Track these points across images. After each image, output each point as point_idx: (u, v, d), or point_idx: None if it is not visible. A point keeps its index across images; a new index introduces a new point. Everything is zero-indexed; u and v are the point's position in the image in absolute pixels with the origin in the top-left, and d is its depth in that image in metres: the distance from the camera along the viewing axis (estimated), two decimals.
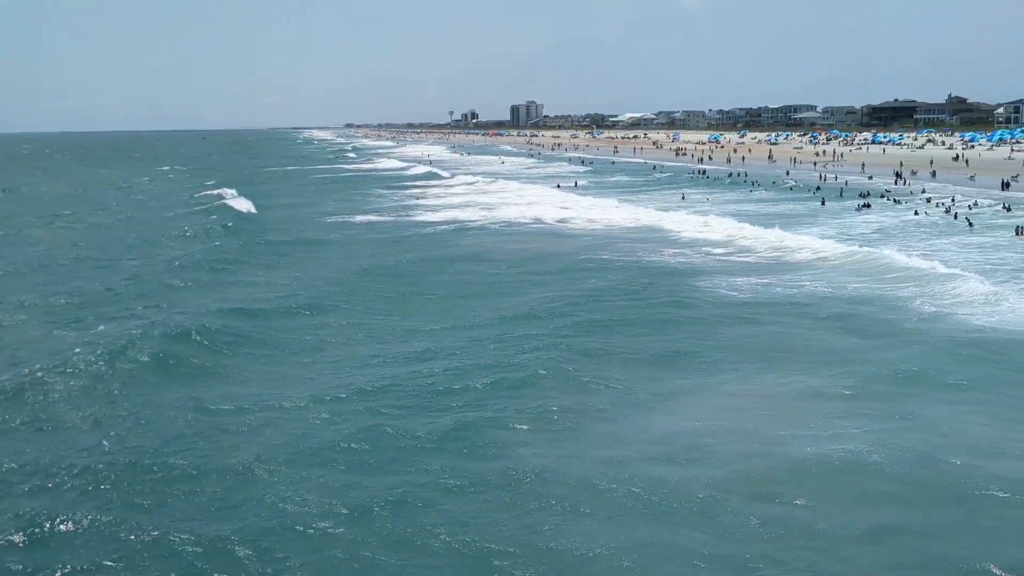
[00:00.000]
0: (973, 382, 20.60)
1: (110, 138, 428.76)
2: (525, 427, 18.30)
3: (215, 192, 78.55)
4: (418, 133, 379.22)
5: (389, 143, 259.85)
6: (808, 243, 42.07)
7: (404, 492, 15.22)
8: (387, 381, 21.19)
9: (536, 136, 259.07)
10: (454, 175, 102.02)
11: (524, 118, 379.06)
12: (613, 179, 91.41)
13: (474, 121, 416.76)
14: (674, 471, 16.06)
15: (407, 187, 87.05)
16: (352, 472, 16.17)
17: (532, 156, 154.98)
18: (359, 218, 59.48)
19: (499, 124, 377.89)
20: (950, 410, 18.82)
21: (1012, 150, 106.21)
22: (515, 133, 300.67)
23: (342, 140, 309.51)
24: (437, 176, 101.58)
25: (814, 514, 14.39)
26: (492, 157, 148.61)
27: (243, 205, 66.21)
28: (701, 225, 50.35)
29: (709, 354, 23.44)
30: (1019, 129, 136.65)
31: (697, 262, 38.51)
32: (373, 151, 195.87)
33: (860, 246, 40.18)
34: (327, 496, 15.11)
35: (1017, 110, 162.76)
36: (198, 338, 24.58)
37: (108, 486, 15.65)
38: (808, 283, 32.71)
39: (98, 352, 22.96)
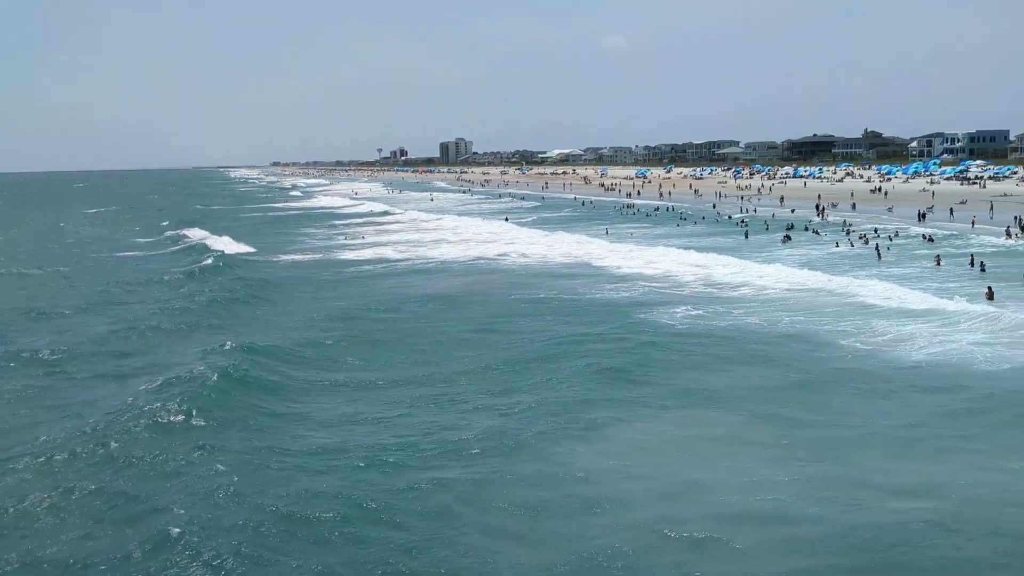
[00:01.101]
0: (908, 422, 20.38)
1: (22, 180, 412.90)
2: (449, 465, 18.02)
3: (182, 232, 76.74)
4: (347, 171, 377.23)
5: (323, 181, 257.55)
6: (741, 276, 42.69)
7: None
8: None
9: (466, 173, 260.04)
10: (404, 211, 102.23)
11: (454, 155, 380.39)
12: (545, 215, 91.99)
13: (403, 158, 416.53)
14: (595, 514, 15.78)
15: (355, 224, 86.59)
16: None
17: (465, 192, 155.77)
18: (335, 255, 59.02)
19: (429, 161, 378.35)
20: (882, 452, 18.52)
21: (932, 182, 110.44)
22: (445, 170, 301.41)
23: (273, 178, 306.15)
24: (386, 212, 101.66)
25: (736, 563, 14.04)
26: (426, 194, 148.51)
27: (224, 244, 64.71)
28: (633, 259, 50.84)
29: (638, 389, 23.34)
30: (932, 162, 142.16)
31: (631, 295, 38.75)
32: (311, 189, 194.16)
33: (788, 279, 41.02)
34: None
35: (929, 144, 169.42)
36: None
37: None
38: (741, 317, 33.04)
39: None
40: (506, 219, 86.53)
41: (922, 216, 69.52)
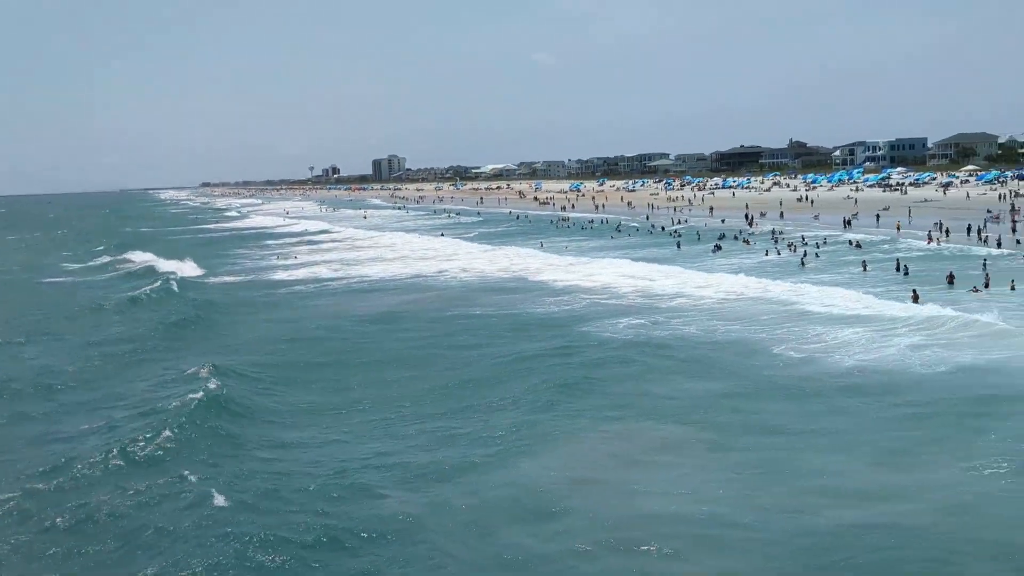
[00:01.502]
0: (843, 428, 20.51)
1: None
2: (389, 480, 17.96)
3: (122, 256, 74.57)
4: (279, 190, 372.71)
5: (255, 201, 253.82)
6: (678, 287, 43.30)
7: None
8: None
9: (400, 189, 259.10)
10: (338, 229, 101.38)
11: (387, 172, 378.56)
12: (481, 230, 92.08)
13: (335, 176, 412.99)
14: (539, 526, 15.82)
15: (290, 243, 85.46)
16: None
17: (400, 209, 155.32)
18: (280, 275, 58.08)
19: (362, 179, 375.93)
20: (816, 459, 18.62)
21: (857, 189, 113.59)
22: (378, 187, 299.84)
23: (205, 199, 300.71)
24: (321, 231, 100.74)
25: (673, 572, 14.15)
26: (360, 211, 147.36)
27: (172, 266, 62.99)
28: (572, 272, 51.20)
29: (581, 402, 23.43)
30: (855, 170, 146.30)
31: (572, 308, 38.92)
32: (244, 209, 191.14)
33: (724, 288, 41.78)
34: None
35: (852, 152, 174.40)
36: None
37: None
38: (680, 327, 33.46)
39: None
40: (442, 234, 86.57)
41: (848, 223, 71.50)
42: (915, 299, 35.56)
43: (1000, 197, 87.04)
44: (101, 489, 18.22)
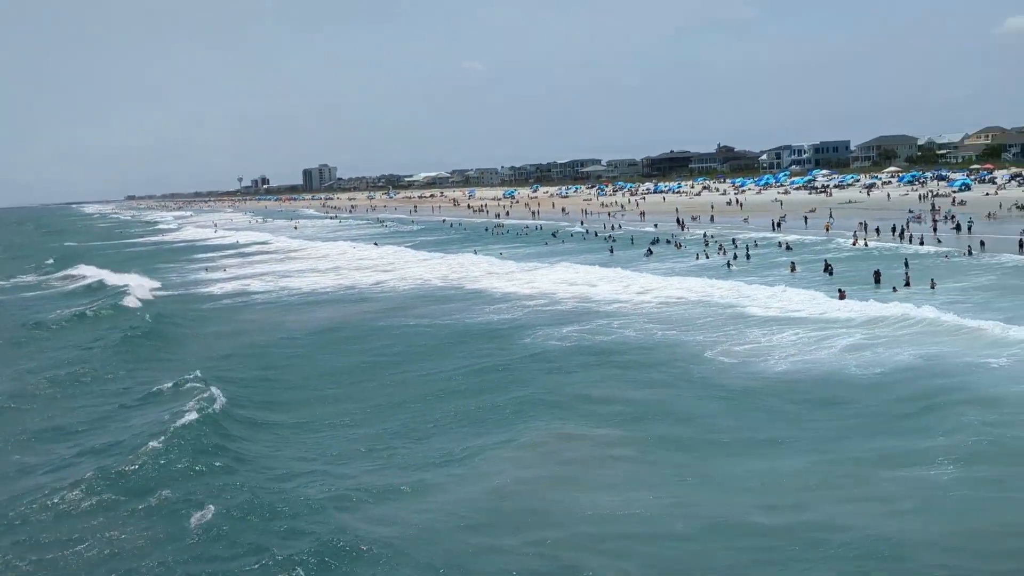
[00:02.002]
0: (775, 436, 20.48)
1: None
2: (332, 506, 17.53)
3: (75, 272, 71.34)
4: (207, 202, 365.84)
5: (184, 213, 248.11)
6: (615, 292, 43.56)
7: None
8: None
9: (331, 199, 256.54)
10: (269, 241, 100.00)
11: (318, 181, 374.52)
12: (416, 239, 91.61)
13: (265, 187, 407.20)
14: (467, 540, 15.68)
15: (221, 256, 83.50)
16: None
17: (332, 219, 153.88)
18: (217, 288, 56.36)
19: (292, 189, 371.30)
20: (748, 466, 18.58)
21: (786, 192, 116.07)
22: (309, 197, 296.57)
23: (133, 212, 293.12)
24: (252, 243, 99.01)
25: None
26: (291, 222, 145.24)
27: (119, 280, 60.88)
28: (510, 279, 51.18)
29: (519, 413, 23.28)
30: (782, 173, 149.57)
31: (509, 317, 38.78)
32: (173, 222, 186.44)
33: (662, 292, 42.20)
34: None
35: (778, 156, 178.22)
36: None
37: None
38: (618, 330, 33.67)
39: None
40: (376, 243, 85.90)
41: (777, 225, 73.00)
42: (841, 296, 36.44)
43: (920, 197, 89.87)
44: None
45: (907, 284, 39.65)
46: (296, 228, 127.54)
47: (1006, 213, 69.36)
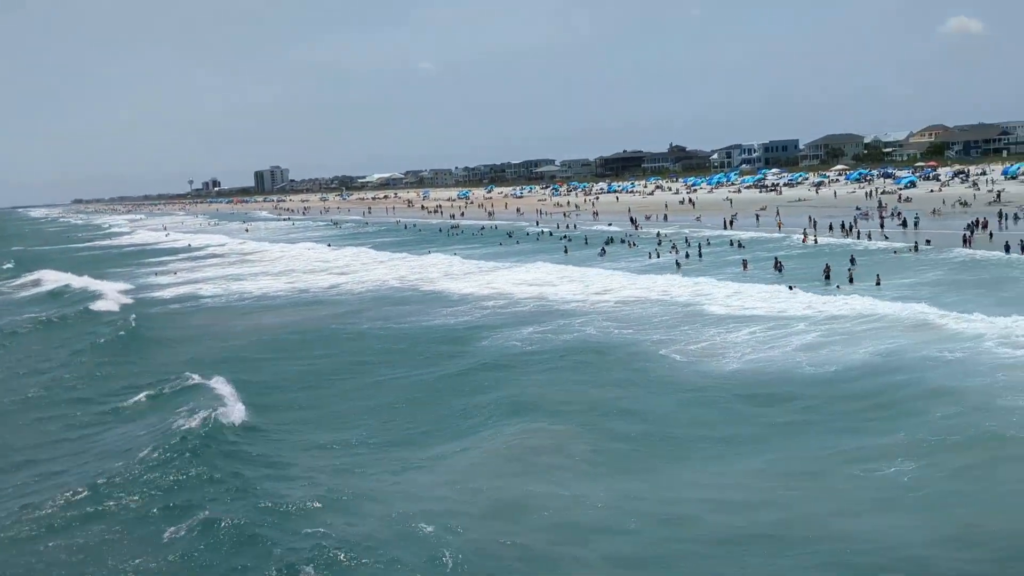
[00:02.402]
0: (727, 434, 20.61)
1: None
2: (282, 507, 17.49)
3: (36, 276, 69.48)
4: (157, 205, 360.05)
5: (138, 216, 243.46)
6: (573, 291, 43.76)
7: None
8: None
9: (284, 201, 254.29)
10: (221, 244, 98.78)
11: (270, 184, 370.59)
12: (371, 240, 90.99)
13: (216, 189, 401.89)
14: (429, 536, 15.67)
15: (173, 260, 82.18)
16: None
17: (285, 221, 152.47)
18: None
19: (244, 191, 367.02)
20: (698, 465, 18.71)
21: (738, 191, 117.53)
22: (261, 199, 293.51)
23: (82, 216, 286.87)
24: (204, 246, 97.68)
25: None
26: (243, 224, 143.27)
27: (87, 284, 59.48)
28: (468, 280, 51.17)
29: (479, 412, 23.41)
30: (733, 172, 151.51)
31: (467, 320, 38.65)
32: (123, 225, 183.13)
33: (620, 292, 42.53)
34: None
35: (729, 155, 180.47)
36: None
37: None
38: (579, 328, 33.80)
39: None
40: (329, 245, 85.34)
41: (729, 223, 73.95)
42: (791, 288, 37.23)
43: (867, 195, 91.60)
44: None
45: (850, 281, 40.42)
46: (247, 231, 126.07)
47: (950, 209, 71.01)
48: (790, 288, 37.80)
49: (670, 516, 16.18)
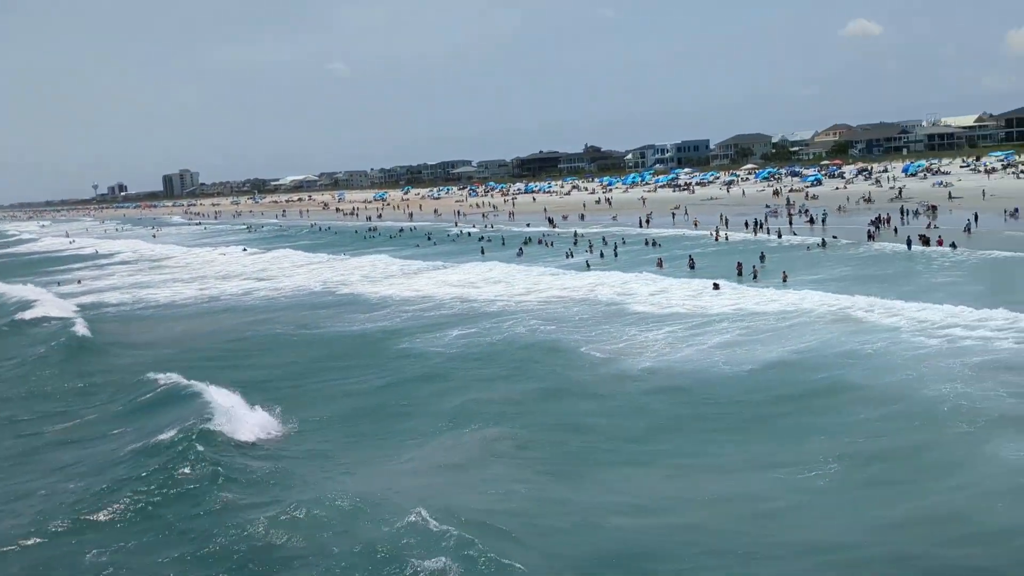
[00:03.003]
0: (643, 434, 20.65)
1: None
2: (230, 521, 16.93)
3: None
4: (59, 211, 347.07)
5: (45, 223, 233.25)
6: (496, 292, 43.66)
7: None
8: None
9: (195, 205, 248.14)
10: (129, 250, 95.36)
11: (179, 187, 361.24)
12: (285, 243, 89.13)
13: (123, 194, 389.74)
14: (349, 538, 15.54)
15: (79, 267, 78.97)
16: None
17: (197, 225, 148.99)
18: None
19: (152, 195, 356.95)
20: (616, 466, 18.62)
21: (654, 190, 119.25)
22: (171, 203, 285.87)
23: None
24: (112, 253, 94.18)
25: None
26: (151, 229, 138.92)
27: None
28: (388, 283, 50.59)
29: (406, 421, 23.11)
30: (647, 172, 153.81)
31: (385, 324, 37.94)
32: (34, 232, 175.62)
33: (545, 291, 42.61)
34: None
35: (643, 155, 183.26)
36: None
37: None
38: (508, 330, 33.50)
39: None
40: (245, 249, 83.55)
41: (646, 221, 74.99)
42: (716, 287, 37.90)
43: (774, 193, 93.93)
44: None
45: (754, 277, 41.37)
46: (155, 236, 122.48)
47: (854, 206, 73.42)
48: (715, 287, 38.26)
49: (581, 515, 16.07)
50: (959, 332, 26.63)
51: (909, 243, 46.73)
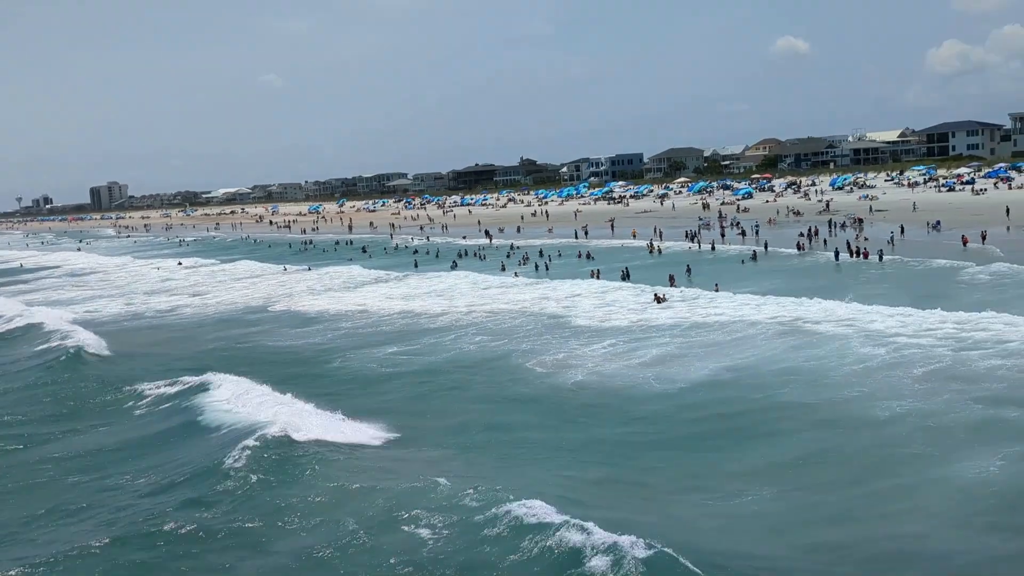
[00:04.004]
0: (574, 447, 20.54)
1: None
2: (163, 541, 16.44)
3: None
4: None
5: None
6: (436, 304, 43.41)
7: None
8: None
9: (123, 218, 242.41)
10: (57, 264, 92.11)
11: (107, 200, 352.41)
12: (219, 257, 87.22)
13: (48, 207, 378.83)
14: (282, 541, 15.57)
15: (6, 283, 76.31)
16: None
17: (126, 238, 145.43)
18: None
19: (79, 208, 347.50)
20: (538, 483, 18.07)
21: (593, 203, 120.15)
22: (99, 216, 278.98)
23: None
24: (38, 268, 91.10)
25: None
26: (82, 242, 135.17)
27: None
28: (322, 296, 49.91)
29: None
30: (582, 185, 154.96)
31: (318, 341, 37.37)
32: None
33: (483, 305, 42.41)
34: None
35: (578, 168, 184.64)
36: None
37: None
38: (440, 348, 33.16)
39: None
40: (180, 263, 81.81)
41: (585, 233, 75.56)
42: (658, 301, 38.18)
43: (704, 206, 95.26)
44: None
45: (671, 282, 42.39)
46: (80, 250, 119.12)
47: (784, 219, 75.02)
48: (657, 300, 38.37)
49: (491, 537, 15.45)
50: (903, 340, 27.13)
51: (837, 254, 47.87)
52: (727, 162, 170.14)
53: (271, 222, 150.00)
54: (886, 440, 19.37)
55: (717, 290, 40.20)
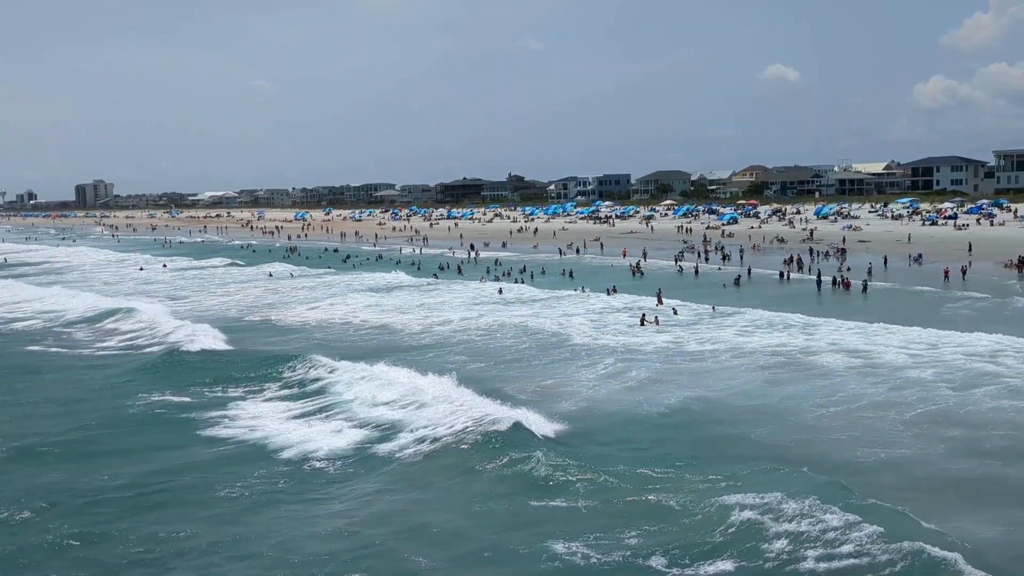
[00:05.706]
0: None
1: None
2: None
3: None
4: None
5: None
6: (417, 318, 43.18)
7: None
8: None
9: (108, 217, 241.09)
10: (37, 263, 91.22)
11: (92, 198, 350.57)
12: (208, 261, 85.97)
13: (32, 202, 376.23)
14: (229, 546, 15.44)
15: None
16: None
17: (112, 237, 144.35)
18: None
19: (63, 205, 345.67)
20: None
21: (575, 221, 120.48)
22: (83, 214, 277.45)
23: None
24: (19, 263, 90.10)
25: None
26: (64, 239, 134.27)
27: None
28: (305, 305, 49.68)
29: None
30: (569, 203, 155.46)
31: (296, 349, 37.30)
32: None
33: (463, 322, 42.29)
34: None
35: (565, 186, 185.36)
36: None
37: None
38: (434, 360, 32.72)
39: None
40: (164, 266, 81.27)
41: (575, 249, 75.79)
42: (642, 323, 37.88)
43: (687, 230, 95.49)
44: None
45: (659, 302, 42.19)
46: (58, 245, 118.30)
47: (768, 245, 75.46)
48: (641, 323, 38.08)
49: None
50: (899, 376, 26.54)
51: (819, 283, 48.20)
52: (714, 187, 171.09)
53: (254, 227, 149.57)
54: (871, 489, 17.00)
55: (676, 313, 40.28)
